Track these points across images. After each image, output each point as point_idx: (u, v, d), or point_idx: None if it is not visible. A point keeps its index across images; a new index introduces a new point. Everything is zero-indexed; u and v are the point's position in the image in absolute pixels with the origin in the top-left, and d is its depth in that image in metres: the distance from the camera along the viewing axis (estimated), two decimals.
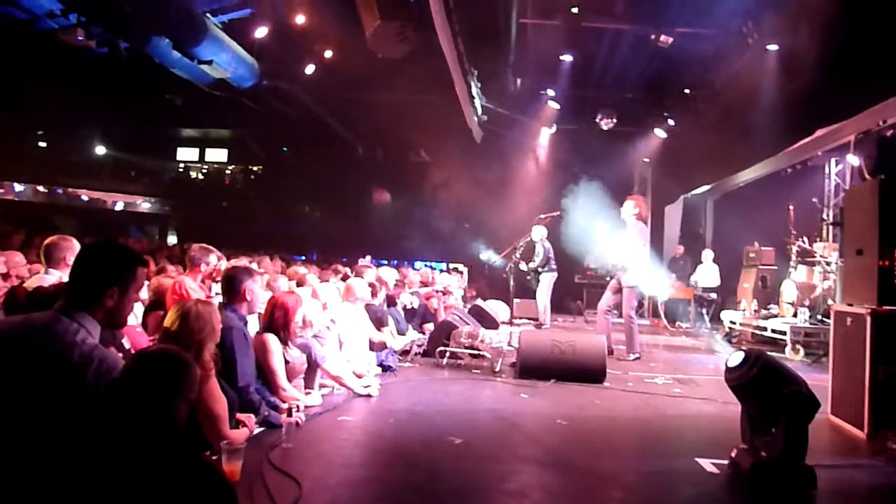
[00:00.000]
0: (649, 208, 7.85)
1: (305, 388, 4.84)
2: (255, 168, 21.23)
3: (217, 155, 20.73)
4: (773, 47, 9.16)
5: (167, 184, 19.98)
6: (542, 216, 8.70)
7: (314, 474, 3.27)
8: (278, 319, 4.51)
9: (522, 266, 10.50)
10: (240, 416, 3.78)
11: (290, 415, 4.02)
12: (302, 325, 4.84)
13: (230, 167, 21.07)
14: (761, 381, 3.46)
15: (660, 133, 13.33)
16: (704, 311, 12.30)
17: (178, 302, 3.65)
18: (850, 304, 4.94)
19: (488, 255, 15.66)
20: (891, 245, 4.58)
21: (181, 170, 20.95)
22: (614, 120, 13.06)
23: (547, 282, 10.85)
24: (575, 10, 9.42)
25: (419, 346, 7.43)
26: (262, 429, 3.89)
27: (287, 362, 4.54)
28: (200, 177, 20.88)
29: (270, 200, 18.75)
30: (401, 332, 7.88)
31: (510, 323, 9.53)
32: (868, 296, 4.68)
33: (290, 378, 4.51)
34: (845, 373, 4.90)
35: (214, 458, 3.13)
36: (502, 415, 4.80)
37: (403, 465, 3.55)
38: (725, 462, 3.70)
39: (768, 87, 9.41)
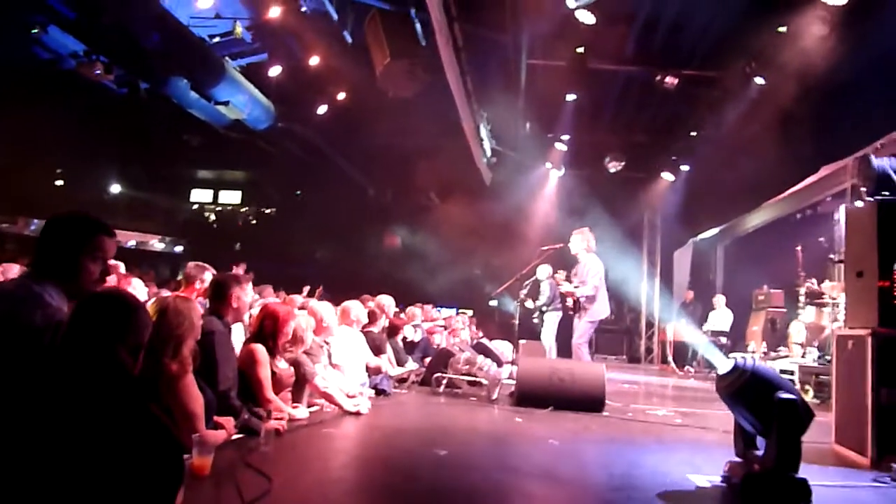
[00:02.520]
0: (594, 240, 7.93)
1: (293, 402, 4.76)
2: (267, 210, 21.48)
3: (231, 196, 21.04)
4: (761, 82, 9.26)
5: (181, 224, 20.26)
6: (545, 248, 8.68)
7: (287, 474, 3.18)
8: (267, 328, 4.47)
9: (529, 304, 10.41)
10: (218, 418, 3.71)
11: (269, 417, 3.93)
12: (292, 339, 4.79)
13: (243, 209, 21.34)
14: (752, 389, 3.35)
15: (667, 176, 13.37)
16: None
17: (157, 299, 3.64)
18: (852, 328, 4.83)
19: (499, 301, 15.61)
20: (890, 265, 4.50)
21: (195, 210, 21.26)
22: (622, 163, 13.12)
23: (552, 321, 10.71)
24: (580, 49, 9.58)
25: (417, 375, 7.32)
26: (241, 435, 3.81)
27: (274, 374, 4.48)
28: (213, 218, 21.16)
29: (282, 242, 18.88)
30: (400, 364, 7.79)
31: (514, 363, 9.39)
32: (869, 317, 4.57)
33: (277, 390, 4.43)
34: (848, 398, 4.75)
35: (187, 456, 3.06)
36: (494, 434, 4.69)
37: (381, 469, 3.46)
38: (718, 478, 3.56)
39: (772, 128, 9.44)
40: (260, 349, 4.40)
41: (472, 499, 3.01)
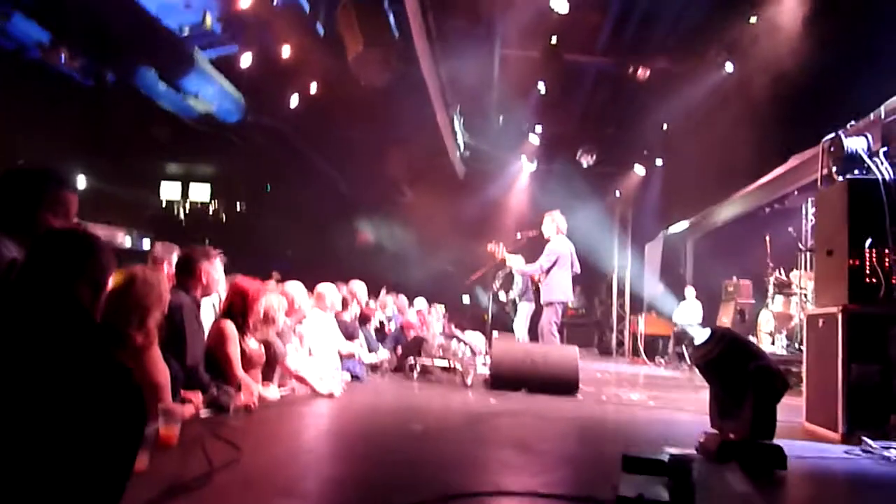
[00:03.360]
0: (565, 222, 7.96)
1: (263, 382, 4.65)
2: (237, 205, 21.15)
3: (200, 191, 20.64)
4: (730, 69, 9.37)
5: (148, 218, 19.84)
6: (519, 236, 8.65)
7: (257, 445, 3.10)
8: (237, 305, 4.36)
9: (502, 296, 10.39)
10: (186, 392, 3.60)
11: (240, 391, 3.82)
12: (264, 319, 4.68)
13: (213, 203, 20.98)
14: (727, 358, 3.35)
15: (639, 170, 13.48)
16: (684, 346, 12.16)
17: (125, 270, 3.51)
18: (822, 307, 4.88)
19: (472, 295, 15.58)
20: (860, 244, 4.55)
21: (164, 205, 20.84)
22: (594, 157, 13.18)
23: (525, 312, 10.71)
24: (553, 40, 9.59)
25: (390, 363, 7.25)
26: (209, 411, 3.70)
27: (244, 352, 4.37)
28: (182, 213, 20.76)
29: (253, 238, 18.58)
30: (371, 351, 7.70)
31: (487, 354, 9.35)
32: (839, 295, 4.62)
33: (246, 369, 4.32)
34: (819, 377, 4.79)
35: (154, 425, 2.96)
36: (468, 412, 4.65)
37: (356, 442, 3.40)
38: (693, 451, 3.55)
39: (743, 119, 9.54)
40: (229, 325, 4.30)
41: (447, 467, 2.95)
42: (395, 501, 2.13)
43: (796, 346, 8.60)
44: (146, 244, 19.83)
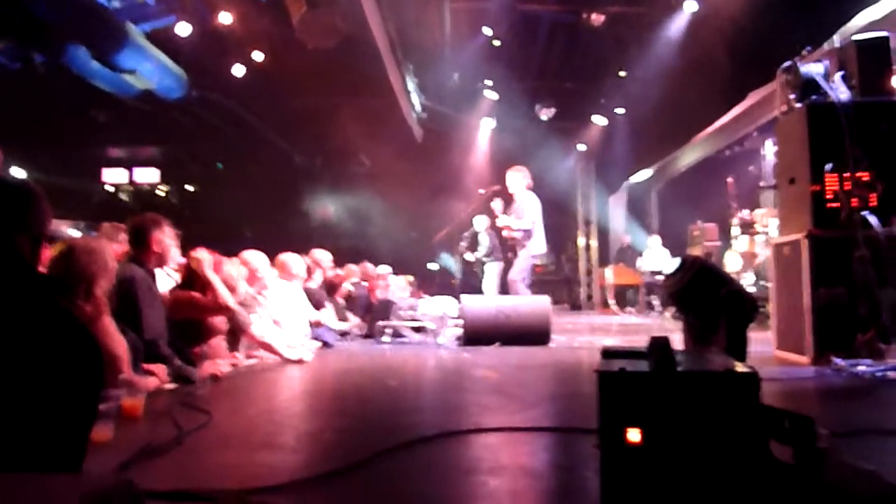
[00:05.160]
0: (531, 177, 8.00)
1: (229, 351, 4.59)
2: (189, 187, 20.66)
3: (147, 175, 20.07)
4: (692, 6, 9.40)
5: (93, 207, 19.26)
6: (482, 191, 8.64)
7: (228, 409, 3.06)
8: (194, 274, 4.28)
9: (468, 256, 10.39)
10: (148, 365, 3.52)
11: (204, 358, 3.76)
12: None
13: (162, 187, 20.45)
14: (698, 285, 3.41)
15: (599, 120, 13.53)
16: (654, 296, 12.39)
17: (64, 242, 3.40)
18: (787, 235, 4.99)
19: (438, 261, 15.56)
20: (820, 169, 4.64)
21: (109, 191, 20.24)
22: (553, 110, 13.18)
23: (494, 272, 10.74)
24: None
25: (360, 328, 7.23)
26: (174, 385, 3.63)
27: (206, 323, 4.30)
28: (129, 199, 20.19)
29: (208, 221, 18.20)
30: (341, 320, 7.67)
31: (458, 317, 9.37)
32: (803, 221, 4.72)
33: (209, 337, 4.27)
34: (787, 304, 4.92)
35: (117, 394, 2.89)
36: (442, 367, 4.67)
37: (328, 399, 3.40)
38: None
39: (700, 61, 9.62)
40: (187, 294, 4.22)
41: (424, 413, 2.96)
42: (375, 446, 2.12)
43: (762, 283, 8.81)
44: (93, 235, 19.32)
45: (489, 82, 12.92)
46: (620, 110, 13.17)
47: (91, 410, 1.53)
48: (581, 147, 15.09)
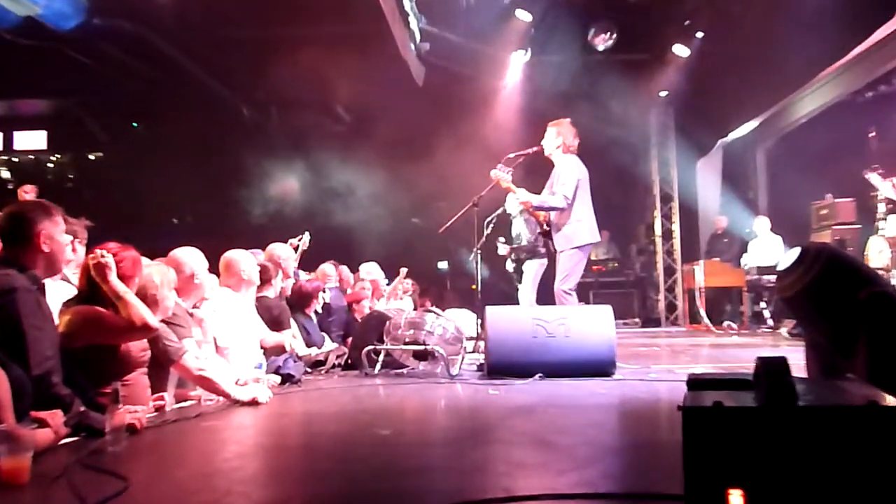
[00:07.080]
0: (576, 135, 7.95)
1: (153, 393, 4.63)
2: (91, 156, 20.90)
3: (31, 139, 20.31)
4: None
5: None
6: (512, 155, 8.60)
7: (152, 471, 3.10)
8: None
9: (501, 249, 10.35)
10: (39, 413, 3.56)
11: (116, 401, 3.77)
12: (141, 300, 4.64)
13: (53, 156, 20.74)
14: (827, 284, 3.38)
15: (681, 51, 13.45)
16: (764, 302, 12.39)
17: None
18: None
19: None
20: None
21: None
22: (614, 36, 13.15)
23: (533, 272, 10.71)
24: None
25: (338, 357, 7.29)
26: (74, 438, 3.66)
27: (120, 351, 4.34)
28: (7, 173, 20.50)
29: (120, 201, 18.37)
30: (312, 345, 7.74)
31: (478, 338, 9.38)
32: None
33: (123, 371, 4.31)
34: None
35: None
36: (457, 408, 4.72)
37: (299, 455, 3.51)
38: None
39: None
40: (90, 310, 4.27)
41: (435, 475, 2.99)
42: None
43: None
44: None
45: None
46: (703, 36, 13.11)
47: None
48: (661, 92, 15.01)
